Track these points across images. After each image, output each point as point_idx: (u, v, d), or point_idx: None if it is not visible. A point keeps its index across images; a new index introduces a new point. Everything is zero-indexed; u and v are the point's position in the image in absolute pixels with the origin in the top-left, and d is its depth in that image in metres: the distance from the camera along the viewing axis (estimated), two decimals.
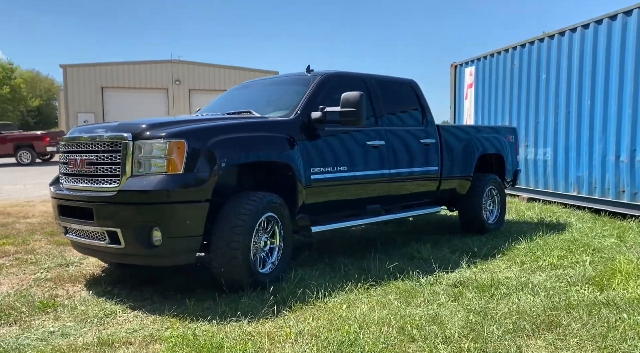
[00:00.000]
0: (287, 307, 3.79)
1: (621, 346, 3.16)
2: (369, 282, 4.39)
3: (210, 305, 3.89)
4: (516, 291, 4.24)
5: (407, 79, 6.29)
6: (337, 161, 4.96)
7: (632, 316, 3.64)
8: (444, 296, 4.10)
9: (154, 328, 3.51)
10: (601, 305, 3.90)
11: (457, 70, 12.72)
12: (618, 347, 3.15)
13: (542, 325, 3.52)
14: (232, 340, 3.24)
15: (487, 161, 7.34)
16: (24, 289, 4.43)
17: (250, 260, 4.08)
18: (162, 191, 3.75)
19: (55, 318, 3.71)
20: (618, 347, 3.15)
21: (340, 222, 5.13)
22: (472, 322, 3.55)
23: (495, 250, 5.76)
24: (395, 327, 3.44)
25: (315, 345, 3.16)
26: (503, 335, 3.35)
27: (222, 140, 4.04)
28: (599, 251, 5.72)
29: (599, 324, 3.53)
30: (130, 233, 3.82)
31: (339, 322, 3.52)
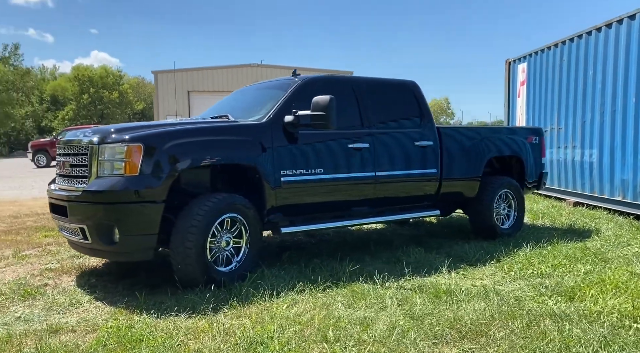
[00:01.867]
0: (228, 305, 3.96)
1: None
2: (326, 283, 4.46)
3: (162, 299, 4.15)
4: (472, 299, 4.13)
5: (408, 81, 6.21)
6: (311, 163, 5.04)
7: (574, 328, 3.46)
8: (392, 300, 4.08)
9: (103, 318, 3.82)
10: (550, 316, 3.73)
11: (511, 67, 12.19)
12: None
13: (468, 334, 3.44)
14: (158, 333, 3.46)
15: (505, 164, 7.06)
16: (22, 278, 4.95)
17: (207, 258, 4.29)
18: (117, 191, 4.07)
19: (28, 306, 4.14)
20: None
21: (314, 224, 5.20)
22: (398, 326, 3.52)
23: (490, 256, 5.58)
24: (317, 327, 3.51)
25: (228, 342, 3.31)
26: (419, 341, 3.31)
27: (178, 144, 4.28)
28: (606, 261, 5.36)
29: (530, 334, 3.38)
30: (94, 230, 4.19)
31: (266, 321, 3.64)
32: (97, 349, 3.24)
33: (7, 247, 6.48)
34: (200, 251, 4.24)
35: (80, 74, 57.17)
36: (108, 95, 57.02)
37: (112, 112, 58.73)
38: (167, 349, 3.22)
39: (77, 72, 58.27)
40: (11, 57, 61.39)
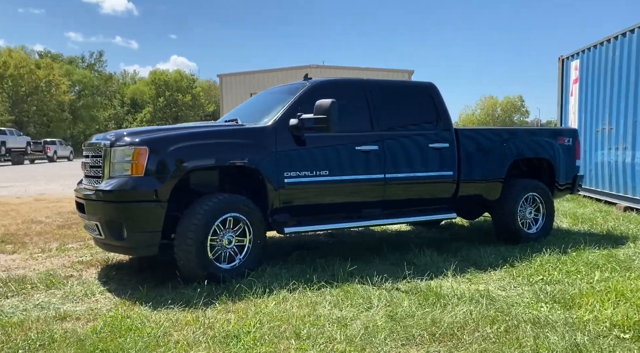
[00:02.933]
0: (219, 300, 4.16)
1: None
2: (321, 283, 4.57)
3: (163, 293, 4.42)
4: (460, 303, 4.11)
5: (425, 83, 6.18)
6: (316, 165, 5.16)
7: (552, 335, 3.41)
8: (379, 301, 4.14)
9: (107, 308, 4.14)
10: (533, 322, 3.68)
11: (564, 64, 11.68)
12: None
13: (440, 336, 3.46)
14: (149, 323, 3.72)
15: (534, 166, 6.84)
16: (54, 269, 5.42)
17: (207, 255, 4.53)
18: (125, 191, 4.39)
19: (49, 295, 4.54)
20: None
21: (320, 224, 5.32)
22: (374, 327, 3.59)
23: (504, 261, 5.47)
24: (294, 324, 3.64)
25: (206, 334, 3.51)
26: (388, 341, 3.37)
27: (181, 147, 4.55)
28: (628, 269, 5.12)
29: (503, 340, 3.37)
30: (106, 226, 4.54)
31: (249, 316, 3.81)
32: (91, 336, 3.53)
33: (56, 240, 7.06)
34: (201, 248, 4.48)
35: (156, 78, 60.05)
36: (182, 98, 59.56)
37: (185, 114, 61.37)
38: (151, 338, 3.46)
39: (154, 76, 61.25)
40: (96, 63, 65.68)
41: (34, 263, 5.77)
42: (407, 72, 32.46)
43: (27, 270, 5.44)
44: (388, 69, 32.34)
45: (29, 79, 54.26)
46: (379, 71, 32.40)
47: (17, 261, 5.93)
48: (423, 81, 6.21)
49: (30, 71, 54.57)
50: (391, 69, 32.44)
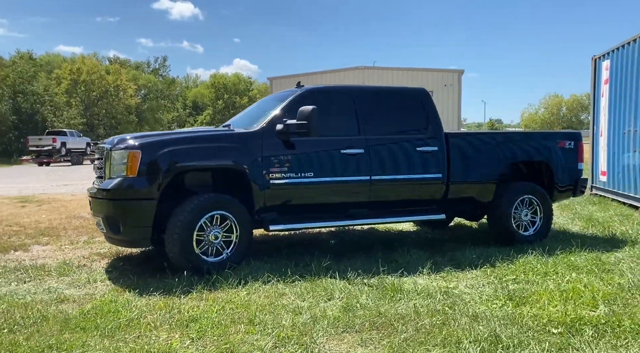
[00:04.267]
0: (196, 289, 4.61)
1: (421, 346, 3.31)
2: (295, 277, 4.93)
3: (151, 282, 4.92)
4: (416, 297, 4.38)
5: (417, 89, 6.42)
6: (302, 168, 5.53)
7: (484, 328, 3.66)
8: (340, 293, 4.47)
9: (102, 293, 4.70)
10: (473, 317, 3.92)
11: (597, 64, 11.41)
12: (416, 346, 3.30)
13: (379, 326, 3.78)
14: (128, 307, 4.22)
15: (534, 169, 6.90)
16: (73, 258, 6.07)
17: (193, 249, 5.00)
18: (120, 189, 4.94)
19: (59, 281, 5.16)
20: (416, 346, 3.30)
21: (306, 223, 5.68)
22: (323, 316, 3.92)
23: (485, 262, 5.63)
24: (252, 311, 4.03)
25: (173, 318, 3.97)
26: (329, 329, 3.71)
27: (171, 151, 5.04)
28: (606, 272, 5.16)
29: (434, 330, 3.65)
30: (105, 221, 5.11)
31: (217, 304, 4.24)
32: (77, 316, 4.06)
33: (87, 234, 7.79)
34: (187, 242, 4.96)
35: (216, 82, 62.08)
36: (239, 100, 61.29)
37: None
38: (125, 320, 3.94)
39: (214, 79, 63.34)
40: (160, 68, 68.70)
41: (60, 254, 6.46)
42: (456, 72, 32.14)
43: (50, 259, 6.12)
44: (437, 69, 32.21)
45: (99, 84, 57.51)
46: (428, 71, 32.27)
47: (47, 251, 6.65)
48: (415, 87, 6.45)
49: (100, 77, 57.85)
50: (440, 69, 32.29)
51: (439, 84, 32.19)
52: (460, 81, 32.39)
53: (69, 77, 56.58)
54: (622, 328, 3.65)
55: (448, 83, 32.14)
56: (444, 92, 32.10)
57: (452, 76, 32.28)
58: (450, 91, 32.16)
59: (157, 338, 3.57)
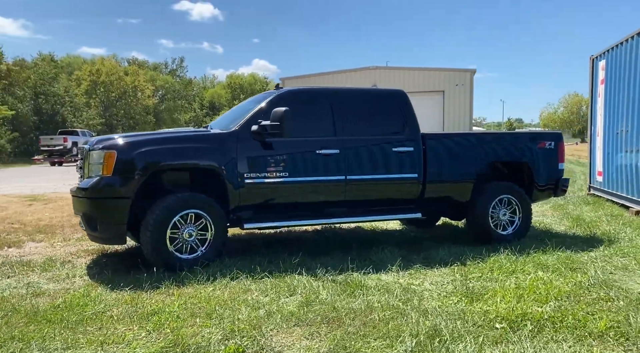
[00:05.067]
0: (164, 285, 4.78)
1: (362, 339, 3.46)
2: (264, 273, 5.08)
3: (125, 278, 5.11)
4: (374, 293, 4.53)
5: (394, 90, 6.53)
6: (276, 168, 5.68)
7: (426, 321, 3.79)
8: (302, 289, 4.62)
9: (76, 288, 4.91)
10: (423, 311, 4.04)
11: (594, 64, 11.36)
12: (358, 339, 3.46)
13: (329, 320, 3.92)
14: (97, 301, 4.42)
15: (514, 169, 6.96)
16: (60, 254, 6.31)
17: (166, 246, 5.19)
18: (96, 188, 5.15)
19: (41, 276, 5.38)
20: (358, 339, 3.46)
21: (281, 221, 5.84)
22: (279, 311, 4.08)
23: (456, 260, 5.72)
24: (212, 306, 4.20)
25: (138, 311, 4.15)
26: (281, 323, 3.86)
27: (145, 151, 5.23)
28: (573, 270, 5.23)
29: (377, 322, 3.80)
30: (84, 219, 5.33)
31: (181, 299, 4.42)
32: (47, 309, 4.26)
33: (81, 231, 7.96)
34: (160, 240, 5.15)
35: (232, 82, 62.63)
36: None
37: None
38: (91, 313, 4.14)
39: (230, 80, 63.89)
40: (178, 69, 69.49)
41: (50, 250, 6.72)
42: (468, 71, 31.92)
43: (39, 255, 6.36)
44: (448, 69, 32.02)
45: (117, 85, 58.51)
46: (439, 70, 32.17)
47: (39, 248, 6.92)
48: (392, 89, 6.56)
49: (119, 78, 58.84)
50: (452, 69, 32.09)
51: (451, 83, 32.07)
52: (472, 81, 32.17)
53: (89, 78, 57.67)
54: (564, 323, 3.75)
55: (460, 83, 31.97)
56: (455, 92, 31.98)
57: (463, 75, 32.06)
58: (461, 91, 31.98)
59: (115, 330, 3.75)
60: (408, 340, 3.49)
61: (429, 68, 32.47)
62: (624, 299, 4.27)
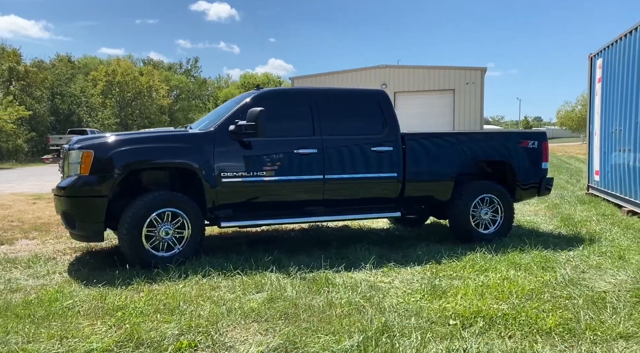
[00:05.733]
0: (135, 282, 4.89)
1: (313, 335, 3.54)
2: (237, 271, 5.18)
3: (101, 274, 5.24)
4: (339, 290, 4.59)
5: (375, 90, 6.59)
6: (254, 167, 5.77)
7: (386, 318, 3.83)
8: (270, 286, 4.71)
9: (54, 284, 5.05)
10: (380, 309, 4.11)
11: (592, 62, 11.26)
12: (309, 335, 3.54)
13: (286, 316, 4.01)
14: (69, 297, 4.55)
15: (498, 168, 6.97)
16: (46, 252, 6.47)
17: (142, 244, 5.31)
18: (74, 187, 5.29)
19: (23, 272, 5.52)
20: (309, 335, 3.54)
21: (258, 220, 5.93)
22: (240, 306, 4.18)
23: (430, 259, 5.75)
24: (175, 302, 4.30)
25: (104, 306, 4.27)
26: (240, 320, 3.95)
27: (122, 150, 5.36)
28: (544, 269, 5.25)
29: (333, 319, 3.87)
30: (63, 217, 5.48)
31: (149, 295, 4.52)
32: (19, 305, 4.40)
33: None
34: (136, 238, 5.27)
35: (246, 82, 62.92)
36: None
37: None
38: (59, 309, 4.25)
39: (244, 79, 64.18)
40: (192, 69, 70.03)
41: (40, 247, 6.89)
42: (479, 69, 31.77)
43: (27, 252, 6.53)
44: (459, 67, 31.90)
45: (132, 85, 59.21)
46: (450, 69, 32.03)
47: (30, 245, 7.10)
48: (373, 89, 6.61)
49: (134, 78, 59.53)
50: (462, 67, 31.96)
51: (461, 82, 31.92)
52: (482, 79, 31.98)
53: (105, 78, 58.43)
54: (516, 320, 3.79)
55: (470, 81, 31.82)
56: (465, 90, 31.82)
57: (474, 73, 31.91)
58: (472, 89, 31.84)
59: (78, 325, 3.87)
60: (356, 335, 3.55)
61: (439, 66, 32.37)
62: (583, 297, 4.29)
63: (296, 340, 3.54)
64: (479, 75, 31.93)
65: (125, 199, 5.53)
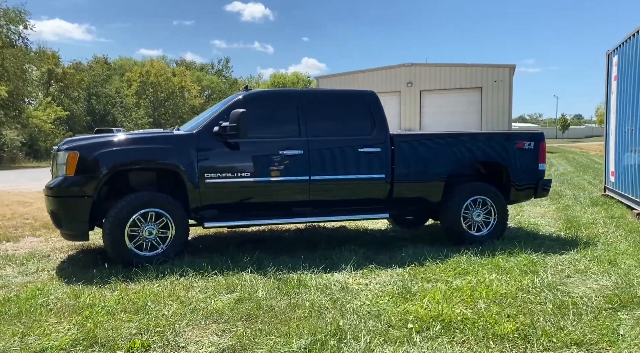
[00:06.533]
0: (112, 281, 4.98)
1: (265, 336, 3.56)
2: (214, 271, 5.23)
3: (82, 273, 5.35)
4: (309, 292, 4.60)
5: (364, 91, 6.55)
6: (237, 168, 5.82)
7: (342, 321, 3.82)
8: (242, 287, 4.75)
9: (39, 282, 5.20)
10: (342, 312, 4.09)
11: (609, 59, 10.89)
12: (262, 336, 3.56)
13: (247, 317, 4.03)
14: (46, 294, 4.68)
15: (492, 170, 6.84)
16: (43, 250, 6.66)
17: (124, 243, 5.42)
18: (60, 187, 5.43)
19: (14, 269, 5.70)
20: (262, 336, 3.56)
21: (244, 220, 5.97)
22: (205, 306, 4.22)
23: (416, 260, 5.70)
24: (143, 301, 4.38)
25: (77, 303, 4.38)
26: (200, 319, 4.00)
27: (106, 152, 5.47)
28: (525, 273, 5.13)
29: (294, 320, 3.86)
30: (52, 216, 5.65)
31: (121, 294, 4.62)
32: None
33: None
34: (118, 237, 5.39)
35: (276, 81, 63.31)
36: None
37: None
38: (33, 305, 4.38)
39: (274, 79, 64.58)
40: (223, 69, 70.93)
41: (42, 245, 7.11)
42: (507, 67, 31.16)
43: (26, 250, 6.75)
44: (487, 65, 31.39)
45: (165, 86, 60.42)
46: (477, 66, 31.53)
47: (33, 242, 7.34)
48: (362, 90, 6.57)
49: (167, 79, 60.73)
50: (490, 65, 31.43)
51: (489, 80, 31.35)
52: (511, 77, 31.35)
53: (139, 79, 59.83)
54: (475, 325, 3.73)
55: (498, 79, 31.23)
56: (494, 89, 31.25)
57: (502, 71, 31.31)
58: (500, 87, 31.24)
59: (44, 323, 3.96)
60: (307, 337, 3.56)
61: (466, 64, 31.90)
62: (554, 303, 4.18)
63: (247, 342, 3.56)
64: (507, 73, 31.32)
65: (115, 200, 5.65)
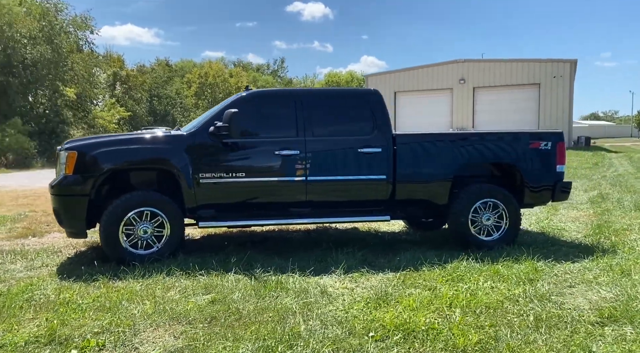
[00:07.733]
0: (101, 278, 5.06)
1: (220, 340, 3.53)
2: (201, 271, 5.21)
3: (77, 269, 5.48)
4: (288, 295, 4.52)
5: (366, 91, 6.38)
6: (233, 168, 5.79)
7: (304, 327, 3.73)
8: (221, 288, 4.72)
9: (34, 277, 5.35)
10: (305, 316, 3.99)
11: None
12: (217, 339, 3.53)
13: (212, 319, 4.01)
14: (38, 290, 4.83)
15: (504, 171, 6.49)
16: (55, 245, 6.87)
17: (119, 242, 5.51)
18: (60, 186, 5.59)
19: (21, 265, 5.88)
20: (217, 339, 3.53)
21: (240, 220, 5.93)
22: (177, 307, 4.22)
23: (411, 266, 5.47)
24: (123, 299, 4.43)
25: (58, 301, 4.46)
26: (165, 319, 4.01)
27: (103, 151, 5.58)
28: (522, 282, 4.82)
29: (258, 324, 3.82)
30: (54, 213, 5.83)
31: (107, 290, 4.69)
32: None
33: None
34: (113, 236, 5.48)
35: (330, 81, 63.39)
36: None
37: None
38: (23, 300, 4.53)
39: (328, 78, 64.71)
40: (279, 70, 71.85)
41: (61, 241, 7.36)
42: (568, 62, 29.77)
43: (44, 245, 6.99)
44: (545, 60, 30.07)
45: (223, 86, 61.81)
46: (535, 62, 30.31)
47: (55, 238, 7.58)
48: (365, 89, 6.41)
49: (224, 80, 62.13)
50: (549, 59, 30.13)
51: (548, 75, 30.01)
52: (572, 72, 29.90)
53: (198, 80, 61.54)
54: (439, 336, 3.58)
55: (558, 74, 29.83)
56: (552, 85, 29.89)
57: (562, 66, 29.90)
58: (560, 83, 29.84)
59: (18, 319, 4.06)
60: (260, 343, 3.49)
61: (522, 59, 30.77)
62: (537, 315, 3.88)
63: (198, 345, 3.52)
64: (567, 68, 29.91)
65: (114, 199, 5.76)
